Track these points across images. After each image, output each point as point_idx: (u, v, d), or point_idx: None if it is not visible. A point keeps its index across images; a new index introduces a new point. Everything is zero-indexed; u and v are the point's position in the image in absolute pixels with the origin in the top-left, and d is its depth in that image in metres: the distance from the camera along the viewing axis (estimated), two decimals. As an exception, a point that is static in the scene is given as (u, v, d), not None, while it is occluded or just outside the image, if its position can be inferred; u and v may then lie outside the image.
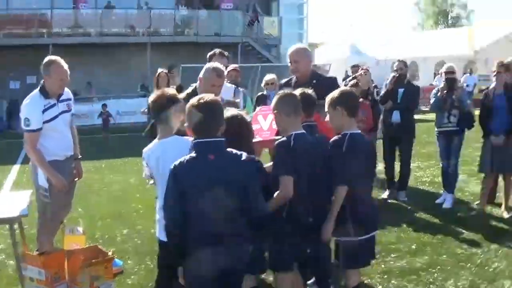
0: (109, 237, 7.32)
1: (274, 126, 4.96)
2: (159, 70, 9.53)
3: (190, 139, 3.80)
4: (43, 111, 5.52)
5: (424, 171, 11.26)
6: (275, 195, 4.03)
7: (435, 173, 10.35)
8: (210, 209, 3.36)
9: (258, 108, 6.08)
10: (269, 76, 9.40)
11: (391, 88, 8.95)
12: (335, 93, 4.39)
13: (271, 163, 4.38)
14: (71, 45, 25.92)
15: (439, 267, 5.86)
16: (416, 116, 9.42)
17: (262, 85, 9.66)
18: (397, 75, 8.98)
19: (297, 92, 4.49)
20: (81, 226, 6.57)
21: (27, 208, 5.16)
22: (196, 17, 30.04)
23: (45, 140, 5.59)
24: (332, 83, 5.90)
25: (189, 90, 5.50)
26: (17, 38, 26.26)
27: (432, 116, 9.02)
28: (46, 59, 5.61)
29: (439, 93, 8.36)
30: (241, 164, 3.46)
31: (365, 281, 5.38)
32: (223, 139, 3.51)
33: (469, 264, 5.93)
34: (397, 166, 9.20)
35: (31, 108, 5.54)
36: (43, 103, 5.53)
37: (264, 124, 5.40)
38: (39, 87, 5.59)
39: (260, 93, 9.49)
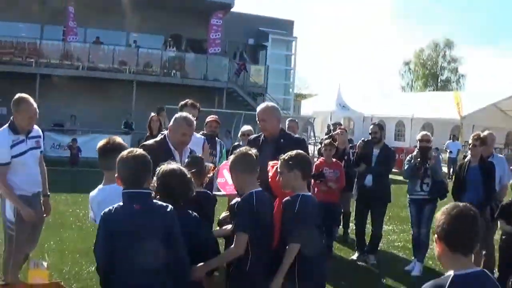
0: (75, 273, 7.31)
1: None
2: (152, 114, 9.63)
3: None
4: (12, 146, 5.63)
5: (398, 235, 11.24)
6: (226, 250, 4.33)
7: (409, 238, 10.32)
8: (134, 256, 3.52)
9: (223, 162, 6.09)
10: (246, 128, 9.42)
11: (360, 152, 9.01)
12: (291, 155, 4.48)
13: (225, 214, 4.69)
14: (59, 76, 25.90)
15: None
16: (397, 177, 9.42)
17: (238, 135, 9.69)
18: (367, 139, 9.06)
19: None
20: (46, 261, 6.48)
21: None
22: (183, 58, 30.19)
23: (13, 175, 5.67)
24: (298, 143, 5.92)
25: (159, 138, 5.55)
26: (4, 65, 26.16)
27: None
28: (16, 96, 5.73)
29: (412, 161, 8.40)
30: (165, 215, 3.64)
31: None
32: (148, 191, 3.72)
33: None
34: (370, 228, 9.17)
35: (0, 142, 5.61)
36: (11, 138, 5.64)
37: (229, 178, 5.44)
38: (8, 123, 5.70)
39: (236, 143, 9.52)
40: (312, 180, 8.79)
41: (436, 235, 2.82)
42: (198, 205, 4.36)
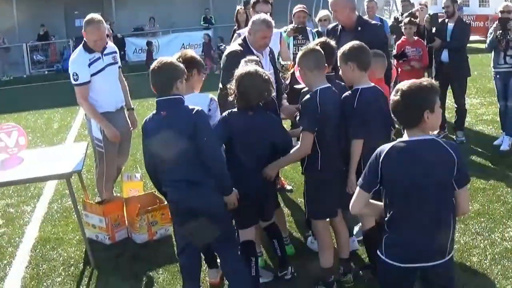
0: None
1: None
2: (238, 7, 9.43)
3: (209, 95, 4.63)
4: (89, 65, 5.79)
5: (486, 108, 10.96)
6: (293, 149, 4.36)
7: (497, 111, 10.09)
8: (163, 156, 3.86)
9: None
10: (323, 13, 9.21)
11: (429, 27, 8.77)
12: (346, 48, 4.40)
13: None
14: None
15: (487, 216, 5.86)
16: (482, 46, 9.06)
17: (316, 20, 9.53)
18: (434, 13, 8.80)
19: (316, 42, 4.75)
20: (139, 172, 6.93)
21: (82, 161, 5.45)
22: None
23: (95, 93, 5.86)
24: (377, 31, 5.87)
25: (238, 41, 5.48)
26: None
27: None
28: (87, 17, 5.81)
29: (493, 34, 8.09)
30: (189, 116, 3.83)
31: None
32: (175, 96, 3.91)
33: (520, 214, 5.86)
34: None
35: (77, 63, 5.83)
36: (88, 57, 5.80)
37: None
38: (82, 43, 5.85)
39: (315, 29, 9.40)
40: (395, 60, 8.69)
41: None
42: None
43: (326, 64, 4.41)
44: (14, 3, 25.36)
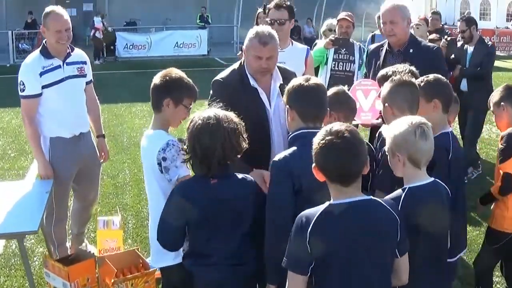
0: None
1: (378, 107, 4.21)
2: (259, 10, 8.12)
3: (167, 138, 3.32)
4: (41, 74, 4.56)
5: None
6: None
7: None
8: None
9: (357, 82, 4.96)
10: (330, 21, 7.83)
11: (446, 53, 7.56)
12: (429, 79, 3.50)
13: None
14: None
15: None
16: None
17: (321, 31, 8.08)
18: (451, 37, 7.92)
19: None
20: (118, 216, 5.67)
21: (41, 216, 4.18)
22: None
23: (45, 111, 4.66)
24: (436, 55, 4.77)
25: (232, 68, 3.99)
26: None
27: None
28: (47, 9, 4.63)
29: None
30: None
31: None
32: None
33: None
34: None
35: (26, 69, 4.62)
36: (41, 64, 4.58)
37: (364, 102, 4.56)
38: (40, 46, 4.66)
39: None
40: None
41: None
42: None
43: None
44: (3, -13, 24.28)
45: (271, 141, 3.77)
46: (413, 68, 3.80)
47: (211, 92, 3.85)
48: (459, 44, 7.99)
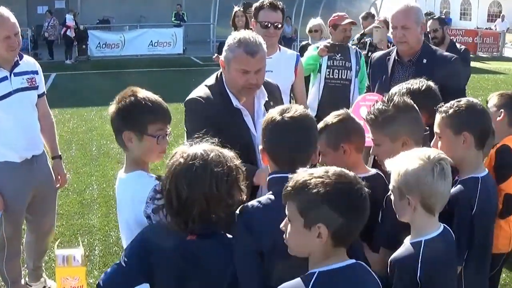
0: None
1: None
2: (235, 8, 7.44)
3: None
4: None
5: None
6: None
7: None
8: None
9: (360, 97, 4.29)
10: (315, 22, 7.51)
11: None
12: (459, 106, 2.76)
13: None
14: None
15: None
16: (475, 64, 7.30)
17: (306, 31, 7.73)
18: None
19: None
20: (79, 249, 4.90)
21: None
22: None
23: None
24: (452, 67, 4.01)
25: (210, 82, 3.25)
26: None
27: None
28: None
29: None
30: None
31: None
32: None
33: None
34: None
35: None
36: None
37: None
38: None
39: (304, 42, 7.63)
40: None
41: None
42: None
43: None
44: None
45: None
46: (431, 84, 3.17)
47: (185, 112, 3.20)
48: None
